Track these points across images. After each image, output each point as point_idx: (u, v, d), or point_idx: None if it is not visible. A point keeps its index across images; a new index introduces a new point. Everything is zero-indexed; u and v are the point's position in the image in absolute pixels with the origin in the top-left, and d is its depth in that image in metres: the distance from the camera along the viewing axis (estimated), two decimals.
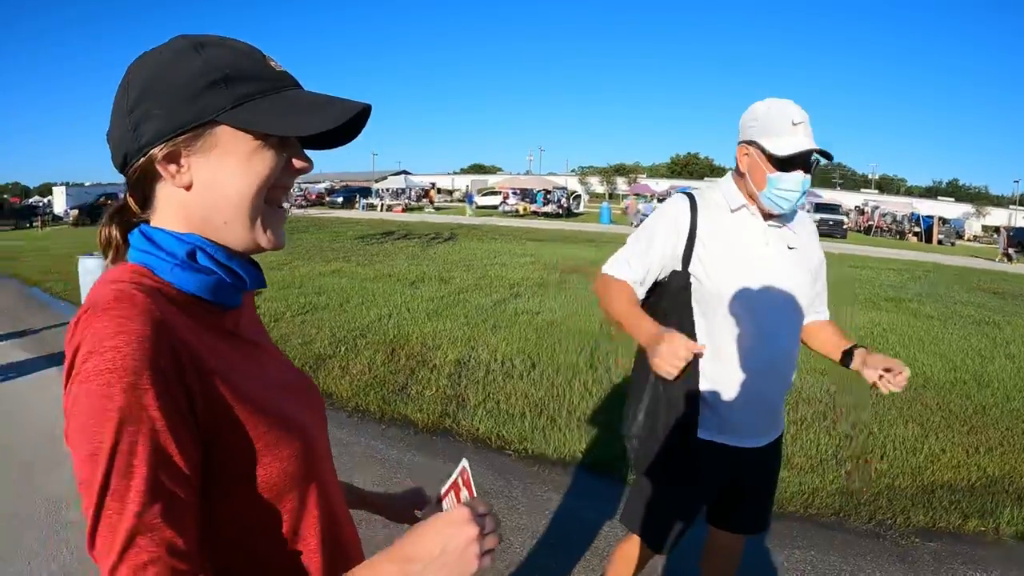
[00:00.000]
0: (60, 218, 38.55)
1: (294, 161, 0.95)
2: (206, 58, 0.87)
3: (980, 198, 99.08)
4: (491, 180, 79.32)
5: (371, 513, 1.38)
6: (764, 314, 2.17)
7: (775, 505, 4.00)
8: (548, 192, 49.05)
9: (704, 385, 2.19)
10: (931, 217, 42.14)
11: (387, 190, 56.34)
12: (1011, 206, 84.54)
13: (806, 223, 2.39)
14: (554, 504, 4.08)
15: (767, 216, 2.22)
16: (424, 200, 56.03)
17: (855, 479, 4.48)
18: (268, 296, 10.48)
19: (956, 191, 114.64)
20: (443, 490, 1.07)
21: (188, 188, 0.89)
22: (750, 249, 2.19)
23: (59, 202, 42.17)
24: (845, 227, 38.92)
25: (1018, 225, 45.00)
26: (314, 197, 56.66)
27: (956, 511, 4.10)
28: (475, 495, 1.00)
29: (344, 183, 75.62)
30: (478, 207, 50.09)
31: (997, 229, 44.51)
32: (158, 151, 0.86)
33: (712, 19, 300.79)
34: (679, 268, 2.20)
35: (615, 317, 2.21)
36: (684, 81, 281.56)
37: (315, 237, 22.77)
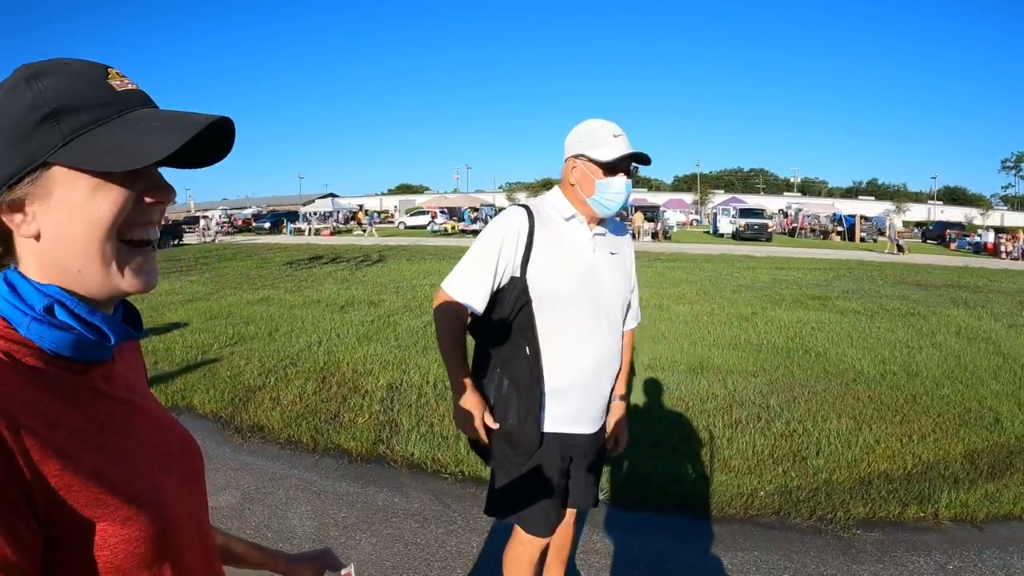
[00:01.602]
0: None
1: (146, 196, 0.86)
2: (37, 91, 0.78)
3: (899, 195, 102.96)
4: (419, 200, 79.43)
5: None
6: (594, 314, 2.41)
7: (715, 510, 4.09)
8: (476, 210, 49.38)
9: (551, 381, 2.39)
10: (853, 216, 43.48)
11: (314, 214, 55.84)
12: (929, 201, 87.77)
13: (625, 233, 2.74)
14: (493, 526, 4.03)
15: (593, 225, 2.47)
16: (352, 223, 55.64)
17: (793, 477, 4.54)
18: (195, 327, 10.25)
19: (876, 190, 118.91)
20: None
21: (36, 238, 0.81)
22: (580, 255, 2.43)
23: None
24: (770, 230, 39.92)
25: (937, 219, 46.79)
26: (241, 223, 55.88)
27: (895, 500, 4.20)
28: None
29: (271, 208, 74.82)
30: (406, 227, 50.04)
31: (919, 223, 46.10)
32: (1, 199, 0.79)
33: (630, 27, 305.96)
34: (518, 274, 2.37)
35: (441, 350, 2.48)
36: (609, 92, 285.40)
37: (242, 264, 22.34)
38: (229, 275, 18.74)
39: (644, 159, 2.42)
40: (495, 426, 2.39)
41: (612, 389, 2.59)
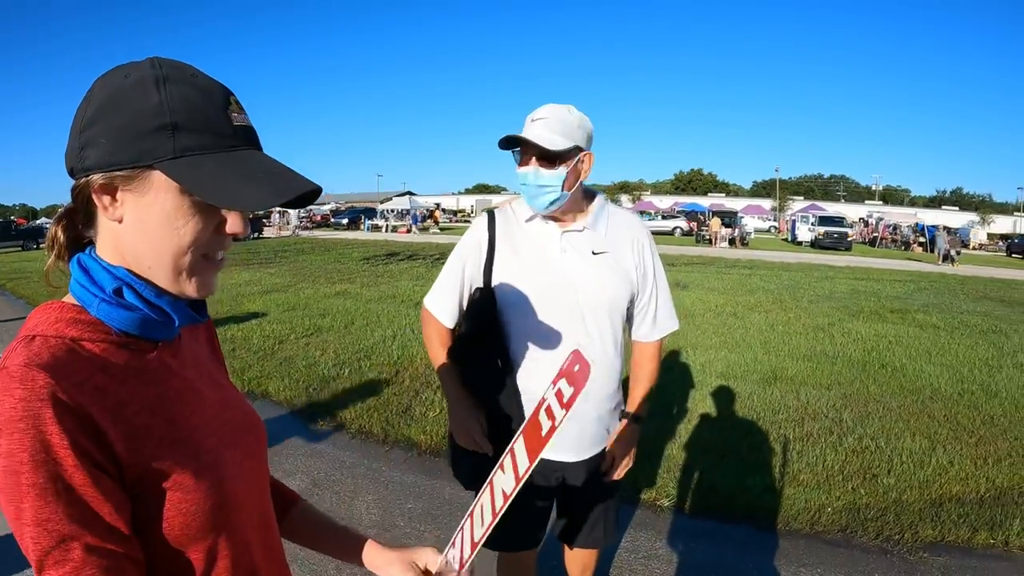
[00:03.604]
0: None
1: (227, 226, 0.91)
2: (163, 98, 0.83)
3: (984, 206, 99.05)
4: (495, 200, 79.64)
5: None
6: (569, 322, 2.16)
7: (780, 523, 4.02)
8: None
9: (524, 399, 2.18)
10: (935, 227, 41.99)
11: (392, 211, 56.49)
12: (1015, 213, 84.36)
13: (625, 228, 2.32)
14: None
15: (562, 222, 2.21)
16: (429, 221, 56.15)
17: (862, 494, 4.44)
18: (273, 318, 10.54)
19: (960, 200, 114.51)
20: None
21: (120, 222, 0.87)
22: (545, 257, 2.19)
23: None
24: (850, 239, 38.85)
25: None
26: (319, 218, 56.83)
27: (965, 524, 4.05)
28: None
29: (349, 204, 75.96)
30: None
31: (1004, 236, 44.13)
32: (96, 179, 0.84)
33: (715, 31, 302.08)
34: (482, 284, 2.22)
35: (432, 362, 2.38)
36: (688, 97, 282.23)
37: (320, 259, 22.82)
38: (307, 268, 19.18)
39: (537, 148, 2.05)
40: (487, 450, 2.20)
41: (603, 411, 2.32)
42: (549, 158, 2.06)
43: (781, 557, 3.75)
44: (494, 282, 2.20)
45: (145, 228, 0.87)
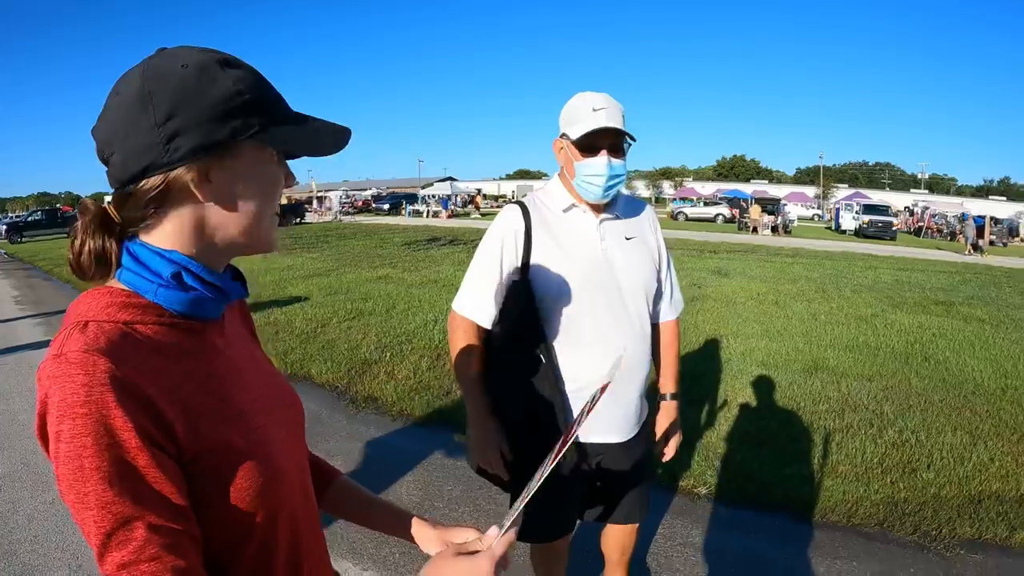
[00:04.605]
0: None
1: (288, 180, 1.03)
2: (236, 77, 0.91)
3: None
4: (536, 185, 79.50)
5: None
6: (610, 310, 2.20)
7: (817, 515, 4.02)
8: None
9: (566, 386, 2.21)
10: (983, 217, 40.90)
11: (433, 196, 56.67)
12: None
13: (643, 211, 2.43)
14: None
15: (599, 210, 2.24)
16: (470, 206, 56.22)
17: (900, 488, 4.42)
18: (315, 302, 10.70)
19: (1008, 190, 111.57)
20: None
21: (211, 203, 0.93)
22: (585, 248, 2.21)
23: None
24: (895, 228, 38.10)
25: None
26: (361, 204, 57.33)
27: (1003, 523, 3.99)
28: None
29: (390, 190, 76.40)
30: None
31: None
32: (193, 166, 0.88)
33: (760, 15, 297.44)
34: (519, 278, 2.21)
35: (456, 374, 2.35)
36: (732, 81, 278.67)
37: (362, 243, 23.07)
38: (349, 253, 19.42)
39: (620, 134, 2.12)
40: (501, 475, 2.28)
41: (642, 391, 2.37)
42: (620, 148, 2.14)
43: (816, 548, 3.75)
44: (533, 273, 2.18)
45: (238, 198, 0.95)
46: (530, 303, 2.18)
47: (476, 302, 2.26)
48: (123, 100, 0.88)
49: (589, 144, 2.10)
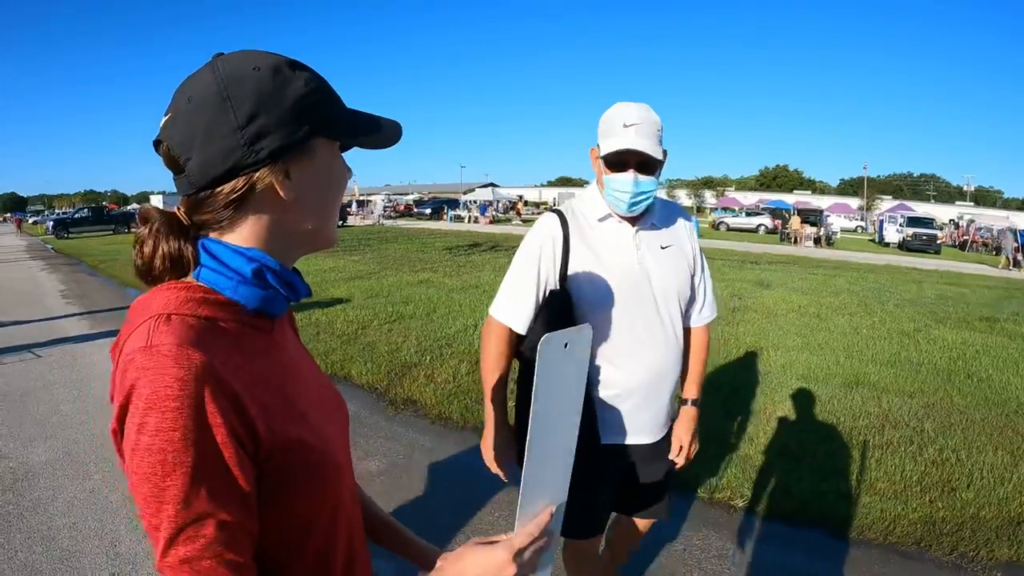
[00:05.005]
0: None
1: (348, 171, 1.07)
2: (306, 78, 0.94)
3: None
4: (576, 192, 79.27)
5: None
6: (645, 318, 2.24)
7: (854, 531, 4.00)
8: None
9: (600, 391, 2.26)
10: (1011, 230, 39.65)
11: (474, 202, 56.88)
12: None
13: (678, 217, 2.44)
14: None
15: (634, 220, 2.27)
16: (512, 212, 56.29)
17: (939, 507, 4.36)
18: (357, 304, 10.83)
19: None
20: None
21: (291, 200, 0.94)
22: (621, 257, 2.24)
23: None
24: (939, 242, 37.33)
25: None
26: (403, 208, 57.73)
27: None
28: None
29: (432, 195, 76.82)
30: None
31: None
32: (279, 165, 0.91)
33: (806, 25, 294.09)
34: (557, 286, 2.24)
35: (483, 377, 2.39)
36: (776, 91, 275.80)
37: (403, 248, 23.25)
38: (391, 257, 19.60)
39: (641, 156, 2.12)
40: (501, 475, 2.48)
41: (673, 394, 2.42)
42: (650, 165, 2.15)
43: (852, 565, 3.73)
44: (570, 282, 2.22)
45: (316, 192, 0.98)
46: (566, 311, 2.21)
47: (514, 309, 2.29)
48: (199, 104, 0.88)
49: (617, 160, 2.14)
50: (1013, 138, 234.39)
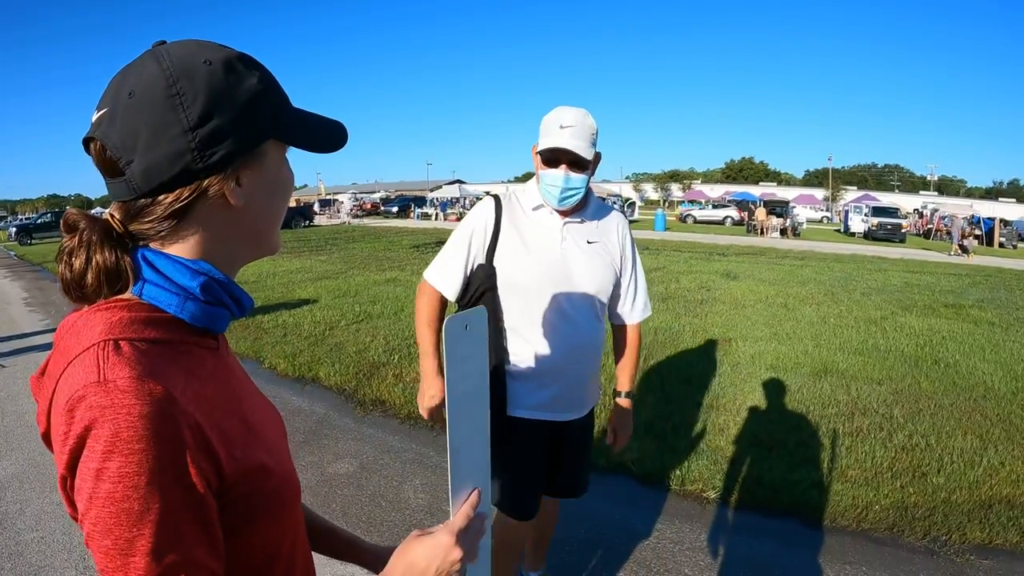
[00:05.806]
0: None
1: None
2: (259, 76, 0.86)
3: None
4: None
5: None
6: (562, 303, 2.42)
7: (827, 519, 4.00)
8: (603, 199, 49.27)
9: (513, 366, 2.47)
10: (992, 219, 40.48)
11: (435, 200, 56.80)
12: None
13: (610, 218, 2.64)
14: (597, 512, 4.11)
15: (565, 213, 2.48)
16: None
17: (911, 493, 4.39)
18: (324, 304, 10.73)
19: (1018, 192, 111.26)
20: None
21: (240, 208, 0.86)
22: (545, 245, 2.45)
23: None
24: (904, 231, 37.87)
25: None
26: (369, 207, 57.40)
27: (1014, 528, 3.96)
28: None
29: (399, 192, 76.57)
30: None
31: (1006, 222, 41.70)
32: (230, 171, 0.83)
33: (767, 20, 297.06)
34: (483, 262, 2.47)
35: (418, 335, 2.60)
36: (740, 84, 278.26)
37: (370, 246, 23.12)
38: (357, 256, 19.49)
39: (572, 155, 2.31)
40: (431, 414, 2.58)
41: (590, 378, 2.62)
42: (581, 164, 2.35)
43: (826, 553, 3.73)
44: (496, 262, 2.45)
45: (266, 197, 0.91)
46: (490, 286, 2.45)
47: (445, 276, 2.53)
48: (142, 100, 0.78)
49: (551, 157, 2.36)
50: (975, 128, 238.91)
